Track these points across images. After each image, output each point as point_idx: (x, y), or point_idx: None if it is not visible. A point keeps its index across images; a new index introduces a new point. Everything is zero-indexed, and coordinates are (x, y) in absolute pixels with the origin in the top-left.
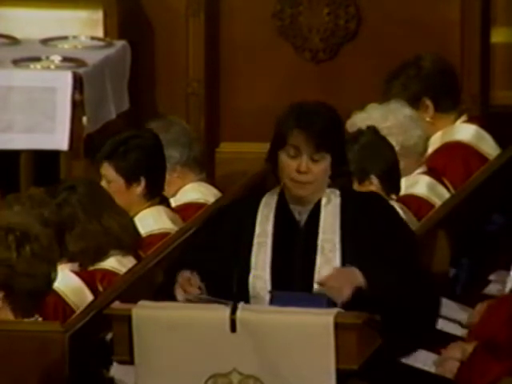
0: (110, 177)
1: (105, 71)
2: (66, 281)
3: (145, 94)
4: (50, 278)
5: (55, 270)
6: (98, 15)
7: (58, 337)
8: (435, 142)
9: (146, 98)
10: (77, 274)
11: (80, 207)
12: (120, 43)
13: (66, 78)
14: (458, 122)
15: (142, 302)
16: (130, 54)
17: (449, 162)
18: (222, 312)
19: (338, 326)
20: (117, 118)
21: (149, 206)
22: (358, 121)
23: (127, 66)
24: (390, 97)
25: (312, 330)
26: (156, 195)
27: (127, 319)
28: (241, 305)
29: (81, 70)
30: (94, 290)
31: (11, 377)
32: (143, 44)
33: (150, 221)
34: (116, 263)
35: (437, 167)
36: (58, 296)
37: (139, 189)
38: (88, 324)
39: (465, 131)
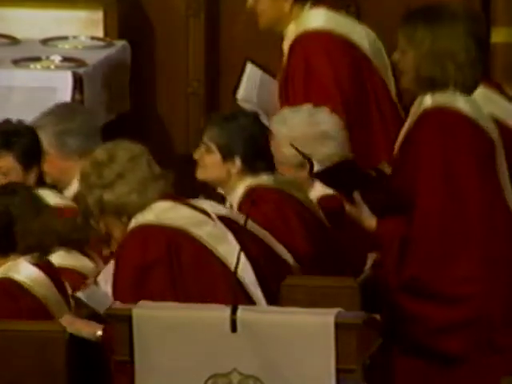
0: (7, 166)
1: (105, 71)
2: (27, 272)
3: (145, 94)
4: None
5: None
6: (98, 15)
7: (58, 337)
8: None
9: (146, 98)
10: (35, 264)
11: (21, 209)
12: (120, 43)
13: (66, 78)
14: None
15: (142, 302)
16: (130, 54)
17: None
18: (222, 312)
19: (338, 326)
20: (117, 118)
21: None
22: (274, 123)
23: (127, 66)
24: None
25: (312, 330)
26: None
27: (127, 319)
28: (241, 305)
29: (81, 70)
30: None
31: (11, 377)
32: (143, 44)
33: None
34: (61, 259)
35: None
36: (21, 288)
37: (33, 175)
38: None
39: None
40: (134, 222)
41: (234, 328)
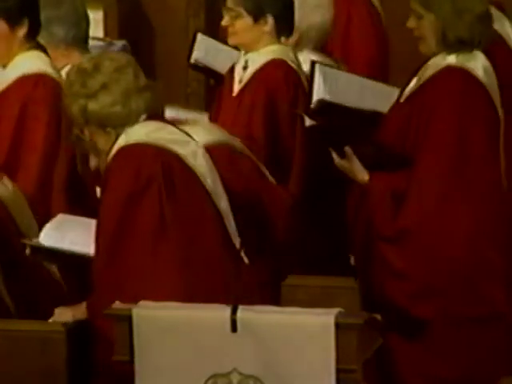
0: None
1: None
2: None
3: None
4: None
5: None
6: (98, 15)
7: (58, 337)
8: None
9: None
10: None
11: None
12: (120, 43)
13: None
14: None
15: (142, 302)
16: (130, 54)
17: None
18: (222, 312)
19: (338, 326)
20: None
21: (28, 50)
22: None
23: None
24: None
25: (312, 329)
26: (34, 38)
27: (127, 319)
28: (241, 305)
29: None
30: None
31: (11, 377)
32: (143, 44)
33: (28, 62)
34: None
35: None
36: None
37: (22, 31)
38: (88, 324)
39: None
40: (125, 140)
41: (234, 328)
